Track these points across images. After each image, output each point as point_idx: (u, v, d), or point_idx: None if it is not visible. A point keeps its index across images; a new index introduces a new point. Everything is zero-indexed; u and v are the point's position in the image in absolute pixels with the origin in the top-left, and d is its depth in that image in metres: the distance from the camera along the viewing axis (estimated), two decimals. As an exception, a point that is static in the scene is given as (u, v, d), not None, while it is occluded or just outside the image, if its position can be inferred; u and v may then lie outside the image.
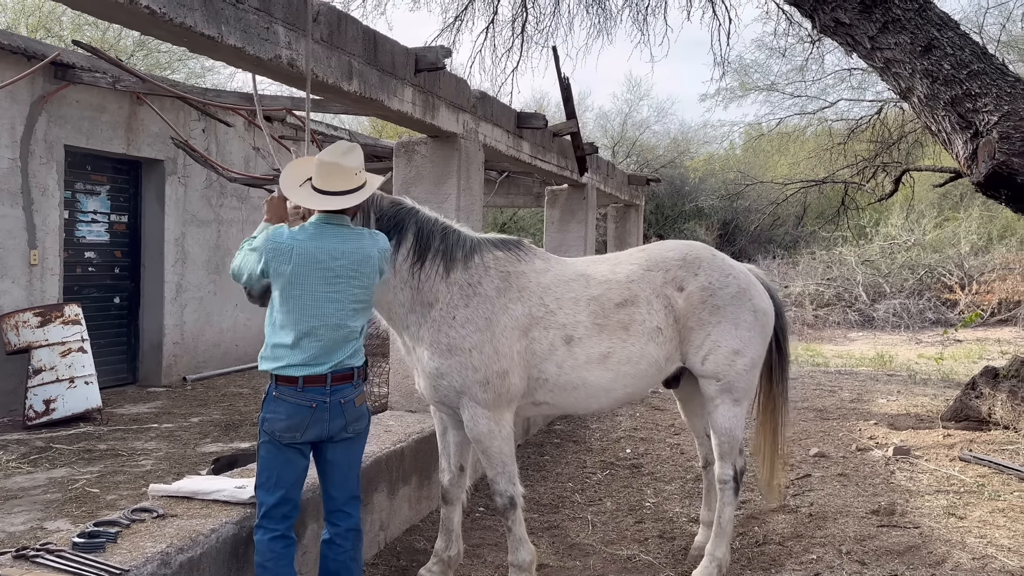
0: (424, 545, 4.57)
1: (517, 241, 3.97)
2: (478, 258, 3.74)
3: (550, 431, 7.40)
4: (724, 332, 3.97)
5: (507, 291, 3.74)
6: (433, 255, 3.65)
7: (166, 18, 2.87)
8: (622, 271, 3.99)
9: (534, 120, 7.11)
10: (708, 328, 3.96)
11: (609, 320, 3.84)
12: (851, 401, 9.10)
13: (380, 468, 4.53)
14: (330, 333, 3.13)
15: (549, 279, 3.87)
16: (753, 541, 4.72)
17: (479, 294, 3.68)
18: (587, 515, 5.17)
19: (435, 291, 3.65)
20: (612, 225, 13.00)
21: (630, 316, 3.87)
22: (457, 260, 3.68)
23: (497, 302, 3.70)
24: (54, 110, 7.96)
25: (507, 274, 3.77)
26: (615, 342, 3.83)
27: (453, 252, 3.69)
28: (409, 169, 5.86)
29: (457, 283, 3.67)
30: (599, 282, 3.91)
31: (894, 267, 19.00)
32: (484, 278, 3.71)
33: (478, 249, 3.77)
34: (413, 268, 3.62)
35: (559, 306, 3.81)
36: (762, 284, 4.26)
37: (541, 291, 3.81)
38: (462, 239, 3.76)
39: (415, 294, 3.65)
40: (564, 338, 3.78)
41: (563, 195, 9.96)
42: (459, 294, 3.66)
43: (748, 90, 17.99)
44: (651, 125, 29.07)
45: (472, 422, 3.71)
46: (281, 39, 3.55)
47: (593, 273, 3.97)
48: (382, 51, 4.55)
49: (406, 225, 3.64)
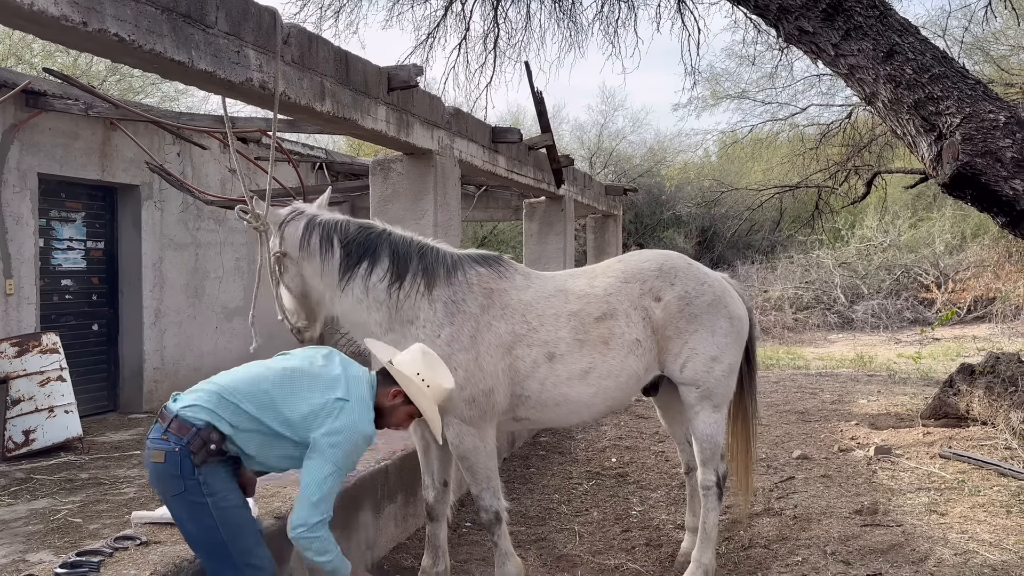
0: (412, 563, 4.56)
1: (497, 257, 3.99)
2: (461, 275, 3.74)
3: (535, 443, 7.41)
4: (701, 340, 3.99)
5: (490, 308, 3.75)
6: (413, 274, 3.65)
7: (135, 45, 2.88)
8: (600, 284, 4.01)
9: (509, 134, 7.16)
10: (685, 336, 3.98)
11: (589, 335, 3.85)
12: (832, 402, 9.18)
13: (365, 487, 4.52)
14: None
15: (530, 295, 3.88)
16: (739, 545, 4.76)
17: (463, 311, 3.68)
18: (574, 526, 5.19)
19: (416, 309, 3.65)
20: (591, 236, 13.07)
21: (610, 330, 3.88)
22: (439, 277, 3.69)
23: (481, 319, 3.70)
24: (27, 138, 7.90)
25: (490, 291, 3.78)
26: (596, 357, 3.85)
27: (435, 269, 3.70)
28: (386, 187, 5.88)
29: (440, 300, 3.67)
30: (578, 297, 3.93)
31: (871, 268, 19.22)
32: (468, 295, 3.71)
33: (460, 266, 3.78)
34: (391, 288, 3.63)
35: (541, 323, 3.82)
36: (736, 291, 4.32)
37: (523, 308, 3.82)
38: (442, 256, 3.77)
39: (393, 312, 3.65)
40: (547, 355, 3.79)
41: (541, 207, 10.02)
42: (443, 311, 3.66)
43: (720, 98, 18.19)
44: (627, 135, 29.26)
45: (457, 439, 3.72)
46: (252, 62, 3.57)
47: (572, 288, 3.99)
48: (354, 71, 4.58)
49: (379, 248, 3.65)
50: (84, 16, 2.65)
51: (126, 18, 2.82)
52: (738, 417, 4.51)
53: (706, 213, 24.53)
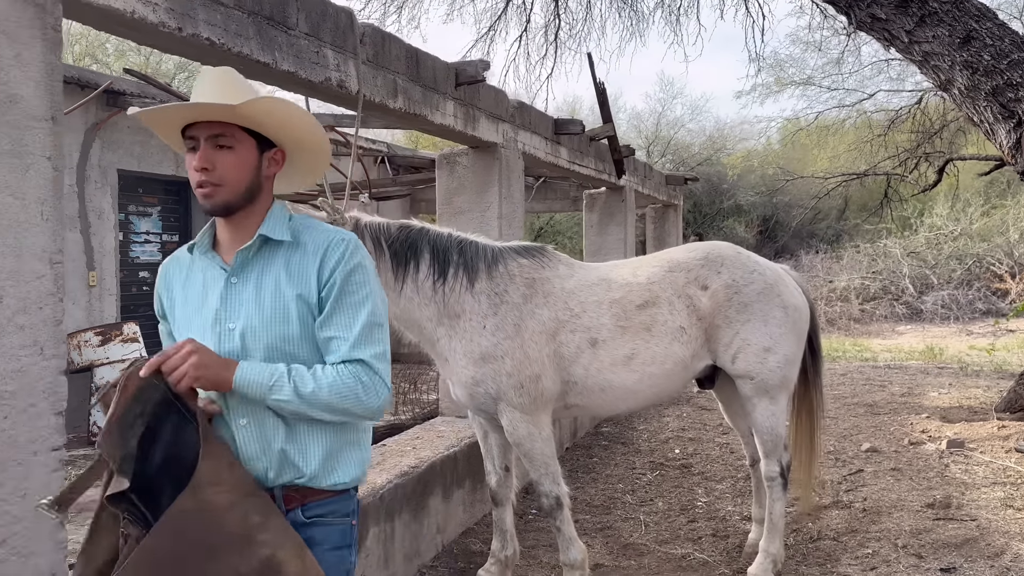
0: (480, 547, 4.67)
1: (540, 248, 4.05)
2: (502, 267, 3.82)
3: (597, 433, 7.46)
4: (753, 330, 3.98)
5: (533, 297, 3.82)
6: (455, 269, 3.75)
7: (224, 48, 3.01)
8: (643, 273, 4.06)
9: (571, 126, 7.19)
10: (736, 326, 3.98)
11: (631, 322, 3.90)
12: (902, 395, 9.00)
13: (435, 473, 4.65)
14: None
15: (573, 284, 3.94)
16: (807, 537, 4.74)
17: (506, 302, 3.76)
18: (639, 515, 5.23)
19: (461, 302, 3.74)
20: (651, 226, 13.00)
21: (652, 317, 3.92)
22: (480, 270, 3.78)
23: (524, 308, 3.78)
24: (107, 136, 8.25)
25: (532, 280, 3.86)
26: (638, 343, 3.89)
27: (475, 263, 3.78)
28: (452, 180, 5.98)
29: (483, 292, 3.76)
30: (620, 285, 3.98)
31: (941, 258, 18.64)
32: (510, 286, 3.80)
33: (501, 258, 3.85)
34: (436, 284, 3.73)
35: (583, 309, 3.88)
36: (795, 282, 4.28)
37: (566, 295, 3.89)
38: (481, 250, 3.84)
39: (441, 308, 3.75)
40: (589, 340, 3.85)
41: (601, 198, 10.02)
42: (487, 303, 3.75)
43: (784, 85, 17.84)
44: (686, 123, 28.94)
45: (511, 426, 3.80)
46: (330, 62, 3.69)
47: (615, 277, 4.04)
48: (424, 67, 4.68)
49: (419, 245, 3.74)
50: (179, 22, 2.79)
51: (216, 22, 2.96)
52: (803, 409, 4.48)
53: (768, 202, 24.12)
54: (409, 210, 13.42)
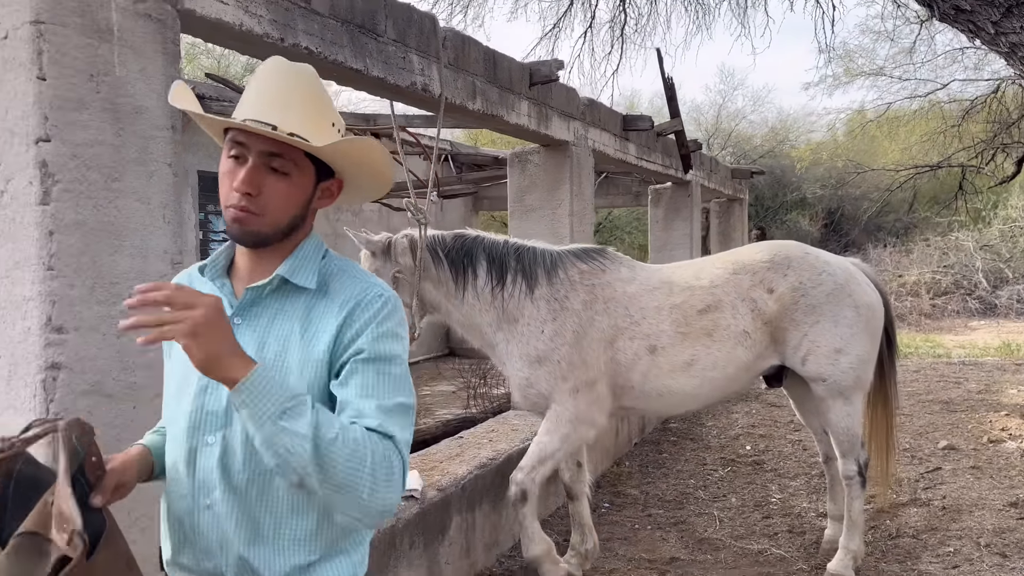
0: (555, 538, 4.75)
1: (601, 250, 4.07)
2: (562, 273, 3.87)
3: (666, 429, 7.48)
4: (823, 331, 3.93)
5: (593, 304, 3.86)
6: (513, 275, 3.82)
7: (321, 56, 3.16)
8: (706, 276, 4.04)
9: (640, 122, 7.21)
10: (804, 328, 3.93)
11: (692, 327, 3.90)
12: (978, 392, 8.77)
13: (512, 465, 4.73)
14: None
15: (634, 288, 3.95)
16: (886, 534, 4.70)
17: (567, 308, 3.82)
18: (712, 511, 5.25)
19: (520, 308, 3.82)
20: (715, 221, 12.89)
21: (714, 322, 3.91)
22: (540, 276, 3.84)
23: (584, 315, 3.83)
24: (187, 139, 8.51)
25: (592, 286, 3.89)
26: (699, 349, 3.89)
27: (533, 269, 3.84)
28: (523, 178, 6.08)
29: (543, 298, 3.82)
30: (682, 289, 3.97)
31: (1016, 251, 18.00)
32: (571, 292, 3.84)
33: (560, 263, 3.90)
34: (495, 290, 3.82)
35: (643, 316, 3.89)
36: (867, 278, 4.22)
37: (627, 301, 3.91)
38: (539, 255, 3.89)
39: (500, 313, 3.83)
40: (648, 348, 3.88)
41: (667, 193, 9.99)
42: (546, 309, 3.81)
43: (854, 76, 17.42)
44: (747, 115, 28.48)
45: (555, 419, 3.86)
46: (415, 67, 3.81)
47: (677, 280, 4.03)
48: (501, 69, 4.78)
49: (475, 253, 3.83)
50: (281, 32, 2.94)
51: (313, 32, 3.10)
52: (878, 405, 4.43)
53: (833, 195, 23.58)
54: (472, 207, 13.57)
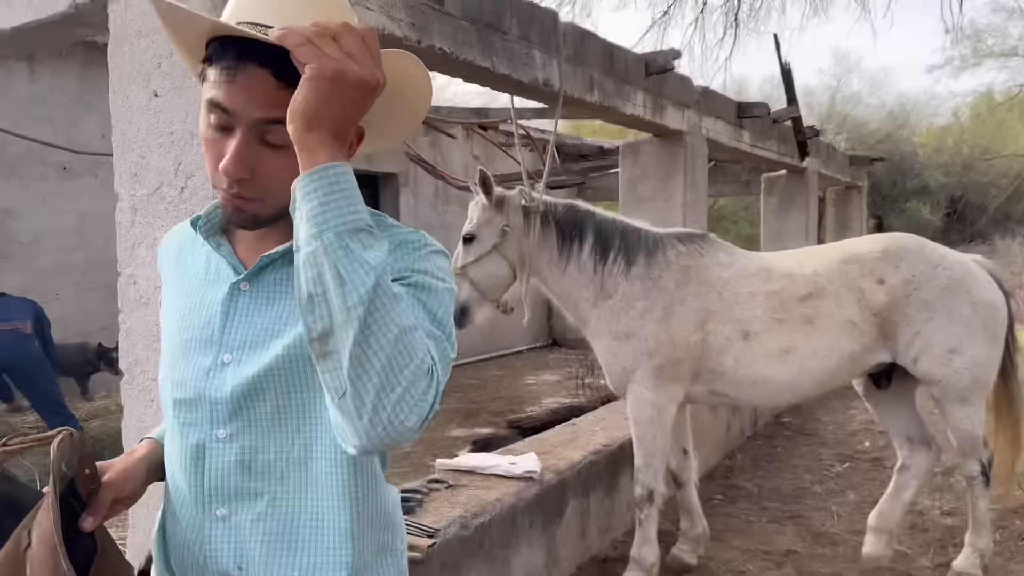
0: (664, 526, 4.79)
1: (702, 235, 4.05)
2: (660, 255, 3.86)
3: (779, 423, 7.36)
4: (936, 329, 3.76)
5: (687, 284, 3.83)
6: (615, 253, 3.84)
7: (452, 56, 3.31)
8: (810, 265, 3.94)
9: (755, 109, 7.10)
10: (916, 325, 3.78)
11: (789, 314, 3.81)
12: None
13: (625, 453, 4.81)
14: None
15: (729, 274, 3.90)
16: (1016, 535, 4.53)
17: (659, 287, 3.80)
18: (830, 506, 5.16)
19: (616, 285, 3.83)
20: (831, 209, 12.47)
21: (815, 309, 3.80)
22: (639, 256, 3.84)
23: (676, 294, 3.80)
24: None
25: (687, 268, 3.87)
26: (797, 336, 3.79)
27: (635, 249, 3.85)
28: (635, 168, 6.11)
29: (638, 277, 3.82)
30: (781, 276, 3.90)
31: None
32: (665, 272, 3.83)
33: (660, 245, 3.89)
34: (596, 265, 3.84)
35: (736, 301, 3.83)
36: (990, 275, 4.02)
37: (721, 285, 3.87)
38: (643, 236, 3.90)
39: (598, 290, 3.85)
40: (741, 333, 3.81)
41: (780, 182, 9.76)
42: (640, 287, 3.81)
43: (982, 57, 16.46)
44: (863, 99, 27.30)
45: (636, 404, 3.84)
46: (537, 62, 3.92)
47: (778, 267, 3.96)
48: (617, 60, 4.83)
49: (585, 226, 3.86)
50: (419, 35, 3.10)
51: (447, 33, 3.25)
52: (1003, 402, 4.24)
53: (956, 182, 22.35)
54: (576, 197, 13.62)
